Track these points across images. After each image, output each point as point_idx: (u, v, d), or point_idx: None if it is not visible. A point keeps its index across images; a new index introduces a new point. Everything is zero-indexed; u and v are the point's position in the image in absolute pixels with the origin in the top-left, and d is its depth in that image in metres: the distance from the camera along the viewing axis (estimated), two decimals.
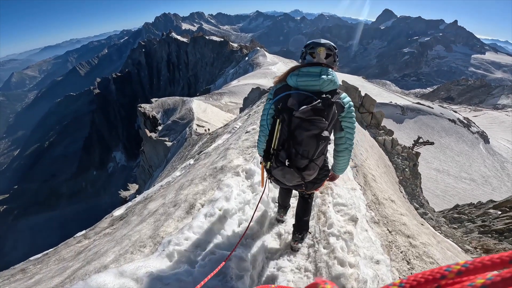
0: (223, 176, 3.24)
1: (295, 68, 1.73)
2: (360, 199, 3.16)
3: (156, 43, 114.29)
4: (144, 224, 2.71)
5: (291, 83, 1.70)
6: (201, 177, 3.42)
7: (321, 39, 1.74)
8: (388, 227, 2.79)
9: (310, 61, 1.72)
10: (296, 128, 1.57)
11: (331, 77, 1.63)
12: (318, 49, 1.69)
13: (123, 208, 4.73)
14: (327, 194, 2.99)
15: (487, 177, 22.35)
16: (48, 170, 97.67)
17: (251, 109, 10.97)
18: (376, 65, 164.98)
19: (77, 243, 3.53)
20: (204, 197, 2.88)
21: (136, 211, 3.73)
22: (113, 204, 44.85)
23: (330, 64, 1.73)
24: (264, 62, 48.07)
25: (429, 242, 2.87)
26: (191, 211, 2.68)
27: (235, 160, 3.69)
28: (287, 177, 1.69)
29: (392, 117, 27.22)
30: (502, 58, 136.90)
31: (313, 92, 1.62)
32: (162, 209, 2.91)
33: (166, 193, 3.70)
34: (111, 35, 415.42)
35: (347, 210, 2.74)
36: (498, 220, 7.81)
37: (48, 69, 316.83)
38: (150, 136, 21.20)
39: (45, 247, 4.27)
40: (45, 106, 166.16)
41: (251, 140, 4.47)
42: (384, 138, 9.45)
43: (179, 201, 2.92)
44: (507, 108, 43.11)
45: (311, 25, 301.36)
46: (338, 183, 3.23)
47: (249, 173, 3.36)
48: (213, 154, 5.14)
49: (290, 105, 1.59)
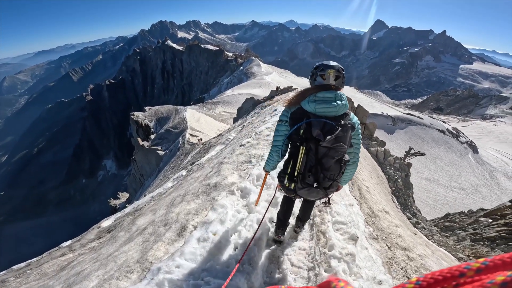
0: (217, 195, 3.11)
1: (309, 92, 1.83)
2: (358, 215, 3.15)
3: (152, 50, 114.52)
4: (131, 244, 2.58)
5: (308, 109, 1.79)
6: (194, 194, 3.28)
7: (330, 61, 1.83)
8: (387, 243, 2.79)
9: (321, 82, 1.81)
10: (324, 156, 1.72)
11: (345, 102, 1.77)
12: (328, 72, 1.77)
13: (112, 219, 4.61)
14: (326, 213, 2.92)
15: (477, 186, 22.76)
16: (36, 177, 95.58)
17: (245, 119, 10.98)
18: (368, 76, 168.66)
19: (61, 256, 3.39)
20: (197, 218, 2.74)
21: (125, 224, 3.62)
22: (102, 213, 43.95)
23: (339, 85, 1.82)
24: (258, 72, 48.56)
25: (424, 254, 2.88)
26: (182, 234, 2.54)
27: (230, 177, 3.55)
28: (312, 195, 1.88)
29: (384, 127, 27.70)
30: (489, 68, 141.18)
31: (329, 117, 1.75)
32: (152, 228, 2.77)
33: (156, 207, 3.58)
34: (106, 41, 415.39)
35: (347, 228, 2.70)
36: (489, 228, 7.88)
37: (41, 74, 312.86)
38: (142, 145, 20.94)
39: (30, 255, 4.23)
40: (36, 111, 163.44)
41: (245, 155, 4.31)
42: (377, 149, 9.56)
43: (170, 220, 2.79)
44: (495, 118, 44.42)
45: (305, 35, 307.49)
46: (336, 200, 3.21)
47: (245, 191, 3.21)
48: (206, 167, 5.04)
49: (316, 135, 1.69)
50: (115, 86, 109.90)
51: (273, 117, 7.08)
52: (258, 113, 10.63)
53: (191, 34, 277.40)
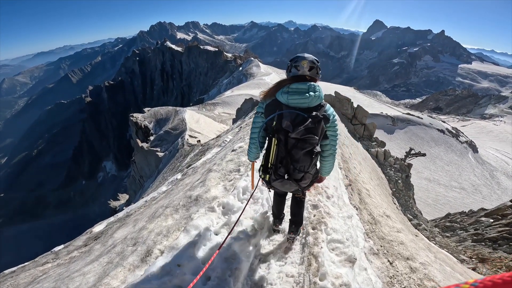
0: (195, 212, 2.78)
1: (283, 84, 1.85)
2: (357, 228, 2.94)
3: (151, 51, 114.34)
4: (95, 265, 2.34)
5: (282, 100, 1.80)
6: (174, 207, 3.00)
7: (305, 54, 1.87)
8: (389, 257, 2.60)
9: (295, 73, 1.83)
10: (293, 147, 1.73)
11: (318, 93, 1.77)
12: (302, 62, 1.80)
13: (104, 224, 4.55)
14: (320, 231, 2.62)
15: (477, 185, 22.71)
16: (36, 179, 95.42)
17: (243, 120, 10.92)
18: (367, 76, 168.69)
19: (43, 265, 3.27)
20: (166, 241, 2.41)
21: (109, 233, 3.49)
22: (102, 214, 43.86)
23: (313, 75, 1.84)
24: (257, 73, 48.51)
25: (428, 261, 2.75)
26: (146, 259, 2.21)
27: (213, 189, 3.25)
28: (285, 187, 1.90)
29: (383, 128, 27.65)
30: (488, 68, 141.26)
31: (302, 109, 1.76)
32: (120, 247, 2.51)
33: (140, 217, 3.42)
34: (105, 42, 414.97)
35: (344, 248, 2.44)
36: (491, 228, 7.82)
37: (40, 75, 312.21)
38: (142, 146, 20.86)
39: (30, 257, 4.19)
40: (35, 113, 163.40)
41: (235, 162, 4.09)
42: (377, 150, 9.50)
43: (140, 239, 2.51)
44: (494, 118, 44.38)
45: (304, 35, 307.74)
46: (333, 212, 2.95)
47: (227, 208, 2.85)
48: (199, 171, 4.93)
49: (285, 126, 1.71)
50: (114, 87, 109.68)
51: None
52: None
53: (190, 35, 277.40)
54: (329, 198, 3.27)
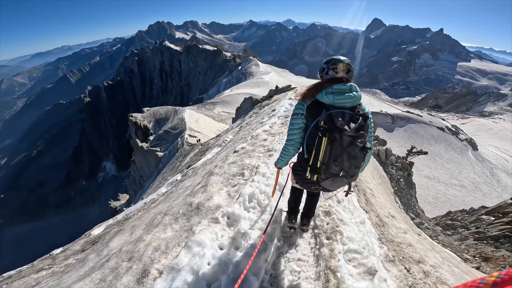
0: (197, 223, 2.53)
1: (324, 86, 1.87)
2: (371, 234, 2.79)
3: (149, 51, 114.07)
4: (87, 281, 2.13)
5: (326, 101, 1.83)
6: (174, 215, 2.73)
7: (340, 56, 1.91)
8: (405, 264, 2.46)
9: (333, 76, 1.87)
10: (349, 145, 1.75)
11: (359, 93, 1.86)
12: (340, 65, 1.85)
13: (103, 226, 4.48)
14: (335, 241, 2.41)
15: (477, 183, 22.73)
16: (36, 179, 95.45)
17: (243, 119, 10.86)
18: (366, 74, 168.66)
19: (38, 272, 3.14)
20: (164, 259, 2.14)
21: (106, 239, 3.35)
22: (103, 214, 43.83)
23: (350, 78, 1.91)
24: (257, 72, 48.47)
25: (437, 263, 2.66)
26: (143, 280, 1.99)
27: (216, 196, 2.98)
28: (336, 185, 1.93)
29: (383, 126, 27.64)
30: (487, 66, 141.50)
31: (346, 108, 1.82)
32: (115, 261, 2.28)
33: (138, 223, 3.22)
34: (104, 42, 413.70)
35: (362, 259, 2.26)
36: (492, 226, 7.79)
37: (38, 76, 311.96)
38: (141, 146, 20.78)
39: (31, 257, 4.21)
40: (34, 114, 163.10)
41: (238, 165, 3.78)
42: (378, 149, 9.46)
43: (136, 253, 2.26)
44: (493, 115, 44.44)
45: (303, 34, 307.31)
46: (346, 219, 2.80)
47: (232, 218, 2.59)
48: (199, 173, 4.78)
49: (339, 125, 1.73)
50: (113, 87, 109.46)
51: (271, 118, 6.87)
52: (257, 113, 10.49)
53: (189, 35, 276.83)
54: (340, 203, 3.15)
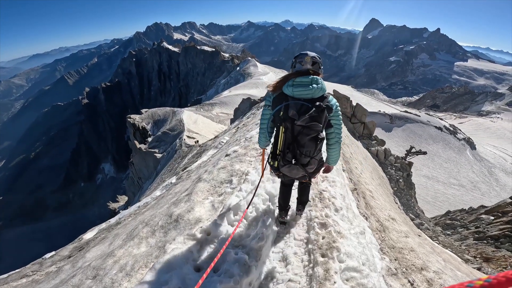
0: (171, 240, 2.28)
1: (289, 78, 2.00)
2: (372, 245, 2.62)
3: (147, 52, 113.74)
4: None
5: (287, 93, 1.95)
6: (152, 227, 2.54)
7: (308, 51, 2.03)
8: (408, 277, 2.29)
9: (300, 68, 1.99)
10: (299, 134, 1.90)
11: (320, 85, 1.92)
12: (306, 58, 1.97)
13: (95, 230, 4.43)
14: (331, 259, 2.19)
15: (476, 182, 22.76)
16: (34, 181, 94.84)
17: (240, 121, 10.82)
18: (364, 74, 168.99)
19: (20, 279, 3.06)
20: (127, 282, 1.94)
21: (85, 249, 3.25)
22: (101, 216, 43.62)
23: (316, 70, 2.00)
24: (255, 72, 48.41)
25: (440, 268, 2.56)
26: None
27: (198, 206, 2.75)
28: (293, 172, 2.05)
29: (381, 126, 27.65)
30: (484, 65, 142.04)
31: (306, 100, 1.91)
32: (79, 278, 2.12)
33: (121, 231, 3.09)
34: (101, 44, 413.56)
35: (361, 278, 2.04)
36: (492, 226, 7.78)
37: (36, 77, 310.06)
38: (140, 148, 20.70)
39: (30, 259, 4.23)
40: (32, 116, 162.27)
41: (228, 170, 3.60)
42: (377, 149, 9.44)
43: (101, 270, 2.08)
44: (491, 115, 44.57)
45: (301, 35, 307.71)
46: (344, 230, 2.63)
47: (213, 234, 2.30)
48: (191, 177, 4.72)
49: (291, 115, 1.87)
50: (111, 89, 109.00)
51: None
52: (254, 114, 10.45)
53: (187, 36, 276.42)
54: (338, 211, 2.98)
